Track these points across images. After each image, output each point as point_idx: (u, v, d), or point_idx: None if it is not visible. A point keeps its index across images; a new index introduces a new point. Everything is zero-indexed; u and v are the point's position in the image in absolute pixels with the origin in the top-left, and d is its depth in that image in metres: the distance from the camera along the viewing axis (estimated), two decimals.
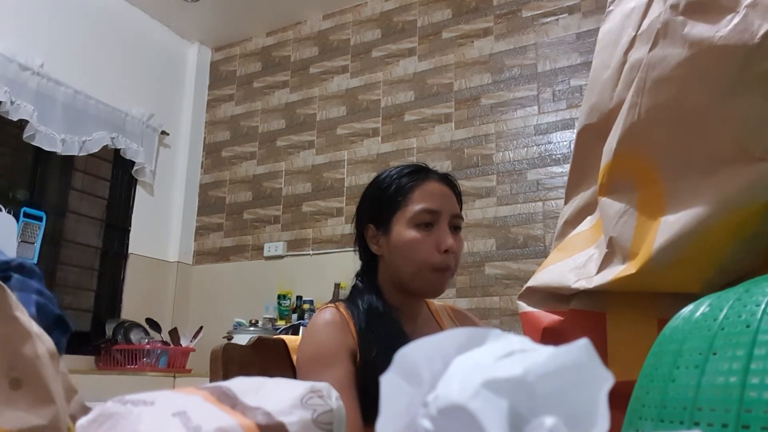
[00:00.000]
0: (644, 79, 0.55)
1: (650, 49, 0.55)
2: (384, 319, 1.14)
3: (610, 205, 0.60)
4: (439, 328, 1.27)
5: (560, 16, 3.33)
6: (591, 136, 0.66)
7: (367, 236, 1.22)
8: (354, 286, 1.23)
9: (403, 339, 1.10)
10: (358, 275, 1.26)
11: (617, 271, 0.58)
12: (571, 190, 0.73)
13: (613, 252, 0.59)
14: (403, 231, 1.15)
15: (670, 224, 0.54)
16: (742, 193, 0.51)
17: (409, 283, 1.17)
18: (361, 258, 1.26)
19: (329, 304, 1.20)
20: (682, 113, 0.54)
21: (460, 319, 1.35)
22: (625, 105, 0.58)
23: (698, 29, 0.52)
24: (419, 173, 1.20)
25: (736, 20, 0.50)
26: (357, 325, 1.13)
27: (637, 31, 0.59)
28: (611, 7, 0.65)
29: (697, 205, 0.52)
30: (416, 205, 1.16)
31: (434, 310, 1.31)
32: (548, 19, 3.35)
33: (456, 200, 1.22)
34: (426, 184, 1.18)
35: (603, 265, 0.60)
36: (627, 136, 0.57)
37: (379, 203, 1.20)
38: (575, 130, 0.71)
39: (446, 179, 1.23)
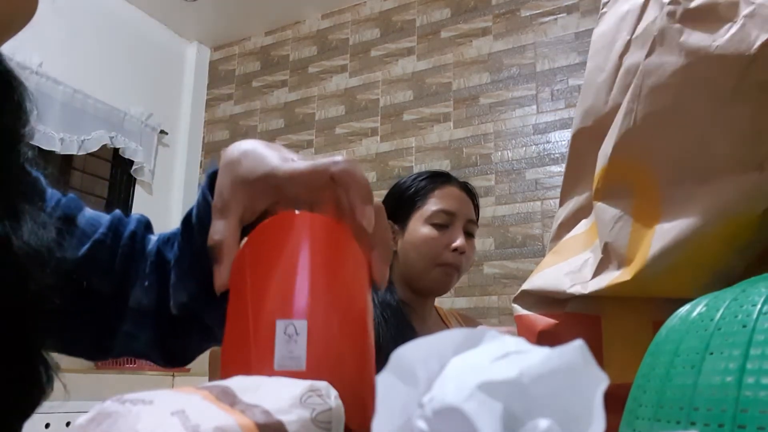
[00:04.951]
0: (640, 86, 0.55)
1: (646, 56, 0.55)
2: (395, 315, 1.17)
3: (605, 210, 0.60)
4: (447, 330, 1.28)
5: (559, 15, 3.33)
6: (586, 140, 0.65)
7: None
8: None
9: (414, 336, 1.10)
10: None
11: (612, 277, 0.57)
12: (566, 192, 0.73)
13: (608, 258, 0.59)
14: (419, 228, 1.20)
15: (665, 231, 0.53)
16: (738, 203, 0.51)
17: (418, 280, 1.21)
18: None
19: None
20: (679, 121, 0.54)
21: (468, 324, 1.37)
22: (620, 111, 0.57)
23: (695, 38, 0.51)
24: (440, 177, 1.26)
25: (733, 30, 0.49)
26: None
27: (632, 35, 0.58)
28: (604, 9, 0.65)
29: (692, 213, 0.52)
30: (434, 206, 1.21)
31: (443, 315, 1.33)
32: (547, 19, 3.36)
33: (473, 208, 1.26)
34: (446, 187, 1.24)
35: (598, 271, 0.59)
36: (623, 143, 0.57)
37: (399, 201, 1.25)
38: (570, 133, 0.70)
39: (466, 187, 1.28)
